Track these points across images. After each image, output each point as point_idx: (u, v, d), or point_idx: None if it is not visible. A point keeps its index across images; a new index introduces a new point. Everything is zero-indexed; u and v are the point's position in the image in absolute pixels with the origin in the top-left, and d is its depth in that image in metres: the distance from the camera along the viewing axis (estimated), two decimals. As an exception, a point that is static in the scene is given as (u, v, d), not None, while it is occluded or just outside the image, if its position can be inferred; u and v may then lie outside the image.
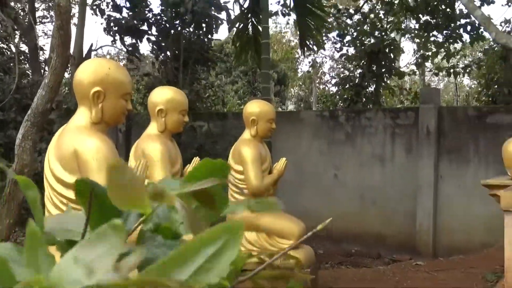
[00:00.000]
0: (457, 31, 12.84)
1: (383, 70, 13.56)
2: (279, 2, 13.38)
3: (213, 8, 10.68)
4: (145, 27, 11.07)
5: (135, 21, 10.85)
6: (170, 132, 4.43)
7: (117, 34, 11.04)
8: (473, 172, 8.36)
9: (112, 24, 10.91)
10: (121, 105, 3.20)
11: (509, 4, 11.82)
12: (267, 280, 0.79)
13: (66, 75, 9.75)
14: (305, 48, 12.39)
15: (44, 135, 7.57)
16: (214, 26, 11.01)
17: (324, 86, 22.88)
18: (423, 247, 8.65)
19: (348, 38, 14.24)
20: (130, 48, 11.34)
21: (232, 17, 11.60)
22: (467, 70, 14.99)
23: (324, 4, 12.54)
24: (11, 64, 11.00)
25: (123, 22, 10.75)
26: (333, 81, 17.78)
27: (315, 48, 13.52)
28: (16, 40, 11.43)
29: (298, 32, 12.37)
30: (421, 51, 14.54)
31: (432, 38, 13.64)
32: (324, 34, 13.90)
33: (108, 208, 0.70)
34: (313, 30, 11.92)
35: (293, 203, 8.29)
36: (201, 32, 10.99)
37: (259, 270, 0.75)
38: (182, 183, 0.75)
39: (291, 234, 5.16)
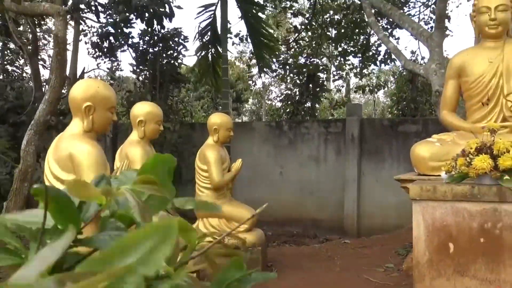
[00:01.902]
0: (372, 58, 13.11)
1: (317, 89, 13.71)
2: (237, 35, 13.42)
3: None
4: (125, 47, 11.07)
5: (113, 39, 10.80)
6: (149, 138, 4.40)
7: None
8: (388, 169, 8.49)
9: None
10: (108, 117, 3.16)
11: (415, 38, 12.06)
12: (217, 257, 0.78)
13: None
14: (262, 71, 12.49)
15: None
16: (182, 52, 11.02)
17: (271, 102, 22.97)
18: (350, 228, 8.74)
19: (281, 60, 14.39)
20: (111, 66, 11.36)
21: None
22: (377, 89, 15.39)
23: (274, 35, 12.72)
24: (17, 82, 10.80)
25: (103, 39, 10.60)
26: (278, 98, 17.92)
27: (269, 71, 13.66)
28: (21, 61, 11.21)
29: (250, 59, 12.45)
30: (339, 71, 14.81)
31: (348, 62, 13.92)
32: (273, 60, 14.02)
33: (65, 203, 0.66)
34: (266, 58, 12.04)
35: (247, 194, 8.28)
36: (171, 58, 10.99)
37: (210, 247, 0.74)
38: (137, 174, 0.72)
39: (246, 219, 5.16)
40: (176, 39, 10.80)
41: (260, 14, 11.61)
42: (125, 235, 0.56)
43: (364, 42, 12.98)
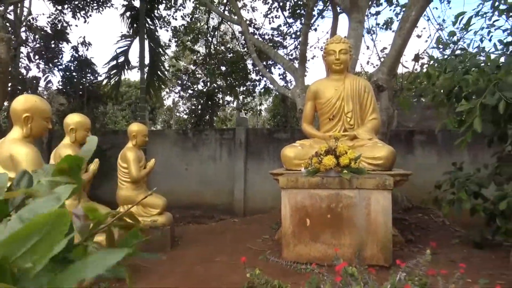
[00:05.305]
0: (250, 89, 13.37)
1: (214, 106, 13.79)
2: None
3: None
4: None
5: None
6: (79, 142, 4.19)
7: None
8: (266, 166, 8.74)
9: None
10: (43, 125, 3.00)
11: (285, 70, 12.53)
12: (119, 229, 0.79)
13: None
14: (149, 95, 12.11)
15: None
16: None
17: (179, 114, 22.62)
18: (238, 210, 8.87)
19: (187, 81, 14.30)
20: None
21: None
22: (255, 109, 15.89)
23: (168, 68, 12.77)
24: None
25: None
26: (185, 111, 17.74)
27: (154, 99, 13.26)
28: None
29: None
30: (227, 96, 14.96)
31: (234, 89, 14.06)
32: (174, 81, 13.90)
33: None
34: (156, 86, 11.94)
35: (160, 186, 8.05)
36: (90, 80, 10.81)
37: (112, 222, 0.75)
38: (54, 167, 0.72)
39: (158, 205, 5.08)
40: (94, 67, 10.83)
41: (165, 52, 11.68)
42: (22, 227, 0.51)
43: (244, 76, 13.09)
